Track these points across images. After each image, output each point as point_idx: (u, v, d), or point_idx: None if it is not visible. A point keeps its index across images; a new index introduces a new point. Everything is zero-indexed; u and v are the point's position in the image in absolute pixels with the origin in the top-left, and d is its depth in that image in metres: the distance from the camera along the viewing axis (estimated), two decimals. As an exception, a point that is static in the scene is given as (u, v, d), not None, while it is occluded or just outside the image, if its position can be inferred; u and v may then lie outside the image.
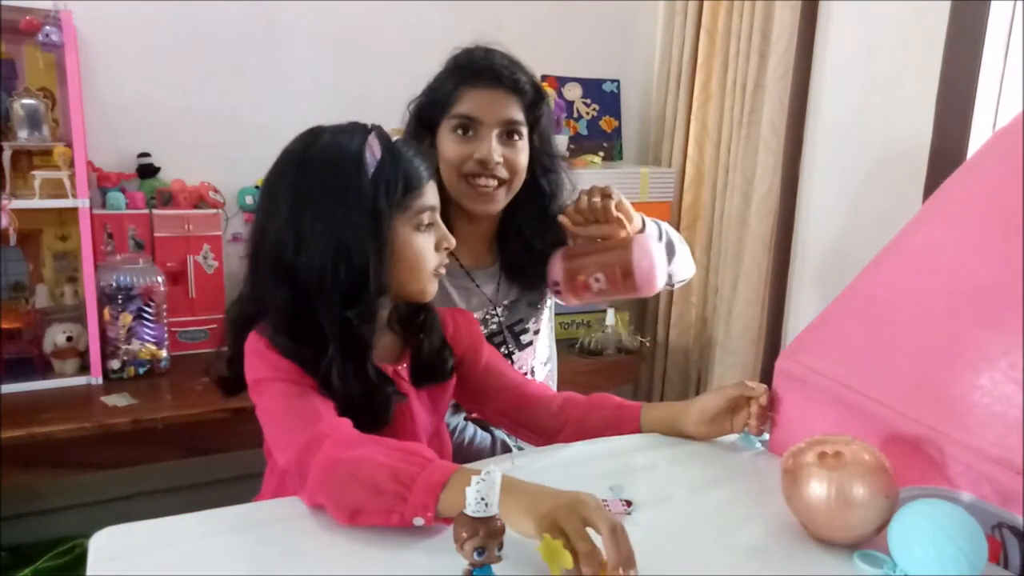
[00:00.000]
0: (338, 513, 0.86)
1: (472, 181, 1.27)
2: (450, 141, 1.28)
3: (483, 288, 1.37)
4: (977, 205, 1.03)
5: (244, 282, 1.05)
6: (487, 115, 1.26)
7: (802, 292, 2.26)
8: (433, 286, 1.06)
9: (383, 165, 0.98)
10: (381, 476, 0.84)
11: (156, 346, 1.81)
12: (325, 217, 0.96)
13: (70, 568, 1.82)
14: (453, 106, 1.27)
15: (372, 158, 0.97)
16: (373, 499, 0.84)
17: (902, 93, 1.92)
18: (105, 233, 1.86)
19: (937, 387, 0.92)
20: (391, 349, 1.10)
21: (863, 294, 1.09)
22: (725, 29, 2.29)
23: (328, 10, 2.11)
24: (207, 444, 1.71)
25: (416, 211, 1.01)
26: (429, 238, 1.03)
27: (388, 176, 0.98)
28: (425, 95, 1.33)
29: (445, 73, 1.31)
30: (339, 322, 0.96)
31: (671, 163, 2.49)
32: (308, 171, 0.98)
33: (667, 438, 1.13)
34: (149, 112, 1.96)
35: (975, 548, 0.76)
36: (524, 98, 1.30)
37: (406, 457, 0.87)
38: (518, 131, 1.29)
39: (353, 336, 0.97)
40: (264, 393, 0.98)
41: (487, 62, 1.29)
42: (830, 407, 1.02)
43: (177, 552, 0.82)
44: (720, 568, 0.83)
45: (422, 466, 0.85)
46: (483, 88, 1.27)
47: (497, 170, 1.27)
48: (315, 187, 0.97)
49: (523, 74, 1.30)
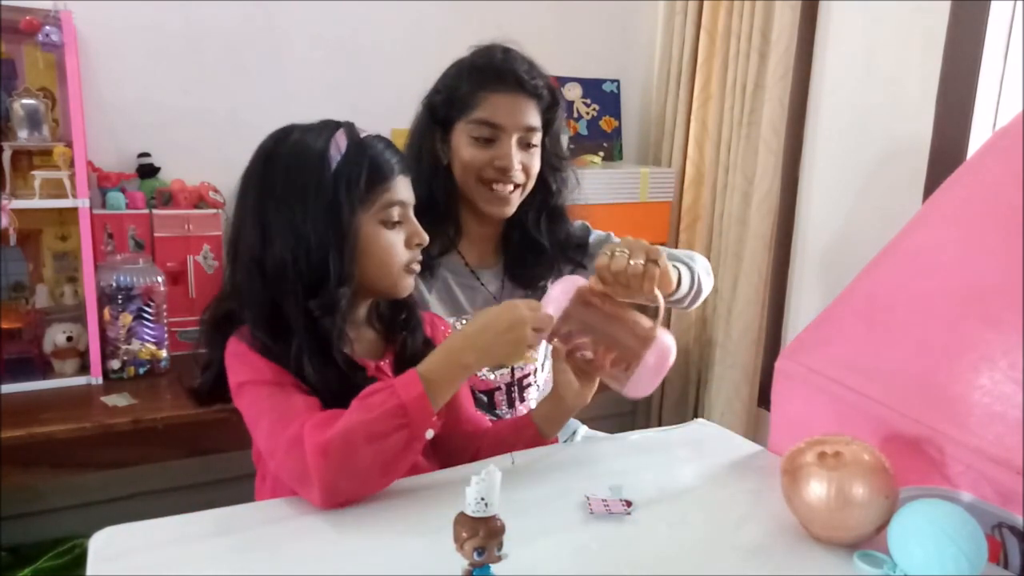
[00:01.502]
0: (366, 481, 0.90)
1: (489, 185, 1.28)
2: (469, 145, 1.28)
3: (488, 287, 1.38)
4: (977, 205, 1.03)
5: (223, 281, 1.07)
6: (508, 122, 1.27)
7: (802, 292, 2.27)
8: (405, 282, 1.06)
9: (346, 159, 0.99)
10: (374, 426, 0.89)
11: (156, 346, 1.81)
12: (287, 210, 0.98)
13: (70, 568, 1.82)
14: (473, 110, 1.27)
15: (336, 152, 0.99)
16: (383, 447, 0.88)
17: (902, 93, 1.92)
18: (105, 233, 1.86)
19: (937, 387, 0.92)
20: (373, 346, 1.10)
21: (863, 294, 1.09)
22: (725, 29, 2.29)
23: (328, 10, 2.10)
24: (207, 444, 1.71)
25: (382, 206, 1.01)
26: (398, 234, 1.03)
27: (350, 170, 0.98)
28: (442, 92, 1.31)
29: (463, 72, 1.30)
30: (303, 313, 0.97)
31: (671, 163, 2.49)
32: (274, 166, 1.01)
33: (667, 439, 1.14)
34: (149, 112, 1.96)
35: (975, 548, 0.76)
36: (542, 103, 1.30)
37: (373, 397, 0.91)
38: (535, 137, 1.30)
39: (318, 327, 0.98)
40: (246, 397, 0.99)
41: (508, 66, 1.28)
42: (830, 407, 1.02)
43: (177, 552, 0.82)
44: (720, 568, 0.83)
45: (393, 393, 0.91)
46: (504, 93, 1.27)
47: (515, 176, 1.28)
48: (279, 181, 0.99)
49: (541, 78, 1.31)
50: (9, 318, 1.74)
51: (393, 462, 0.91)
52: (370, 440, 0.88)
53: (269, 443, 0.94)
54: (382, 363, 1.08)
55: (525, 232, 1.37)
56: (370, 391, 0.92)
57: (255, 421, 0.98)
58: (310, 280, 0.97)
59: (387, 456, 0.90)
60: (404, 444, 0.90)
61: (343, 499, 0.90)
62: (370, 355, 1.08)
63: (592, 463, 1.05)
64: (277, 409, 0.95)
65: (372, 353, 1.09)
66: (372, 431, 0.88)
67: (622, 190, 2.31)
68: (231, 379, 1.00)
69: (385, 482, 0.92)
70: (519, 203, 1.33)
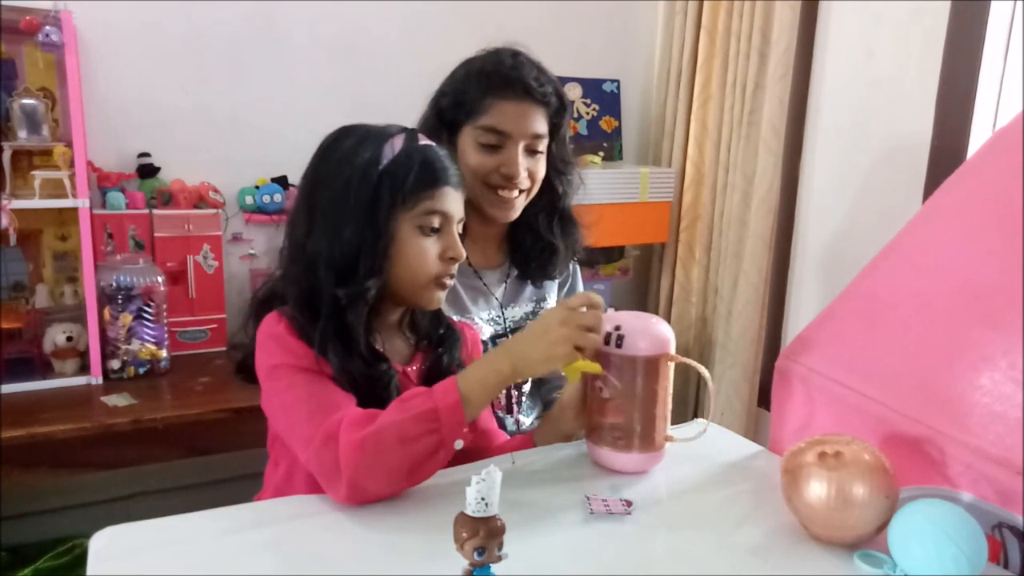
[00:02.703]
0: (390, 482, 0.90)
1: (495, 190, 1.29)
2: (476, 150, 1.28)
3: (491, 288, 1.38)
4: (977, 205, 1.03)
5: (279, 260, 1.09)
6: (515, 129, 1.27)
7: (802, 292, 2.26)
8: (434, 294, 1.05)
9: (398, 158, 1.00)
10: (407, 428, 0.89)
11: (156, 346, 1.81)
12: (332, 199, 1.01)
13: (70, 568, 1.82)
14: (481, 115, 1.27)
15: (391, 150, 1.01)
16: (413, 450, 0.88)
17: (902, 93, 1.92)
18: (105, 233, 1.86)
19: (937, 387, 0.92)
20: (401, 353, 1.10)
21: (863, 294, 1.09)
22: (725, 29, 2.29)
23: (328, 10, 2.10)
24: (207, 444, 1.71)
25: (422, 211, 1.01)
26: (434, 243, 1.03)
27: (399, 170, 1.00)
28: (449, 95, 1.31)
29: (471, 75, 1.29)
30: (332, 301, 0.98)
31: (671, 163, 2.49)
32: (331, 156, 1.04)
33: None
34: (149, 112, 1.96)
35: (975, 548, 0.76)
36: (550, 109, 1.31)
37: (411, 400, 0.91)
38: (542, 144, 1.31)
39: (344, 317, 0.99)
40: (280, 380, 0.98)
41: (517, 73, 1.27)
42: (830, 407, 1.02)
43: (177, 552, 0.82)
44: (720, 568, 0.83)
45: (430, 397, 0.91)
46: (512, 101, 1.26)
47: (521, 183, 1.29)
48: (332, 171, 1.02)
49: (550, 84, 1.30)
50: (9, 318, 1.74)
51: (420, 466, 0.90)
52: (401, 441, 0.88)
53: (306, 431, 0.93)
54: (409, 369, 1.08)
55: (535, 234, 1.38)
56: (410, 394, 0.93)
57: (284, 408, 0.98)
58: (341, 268, 0.99)
59: (415, 459, 0.89)
60: (432, 449, 0.89)
61: (369, 498, 0.90)
62: (398, 359, 1.08)
63: (592, 463, 1.05)
64: (316, 399, 0.95)
65: (400, 357, 1.09)
66: (404, 432, 0.88)
67: (622, 190, 2.31)
68: (264, 359, 1.00)
69: (409, 484, 0.92)
70: (523, 207, 1.34)
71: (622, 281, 2.59)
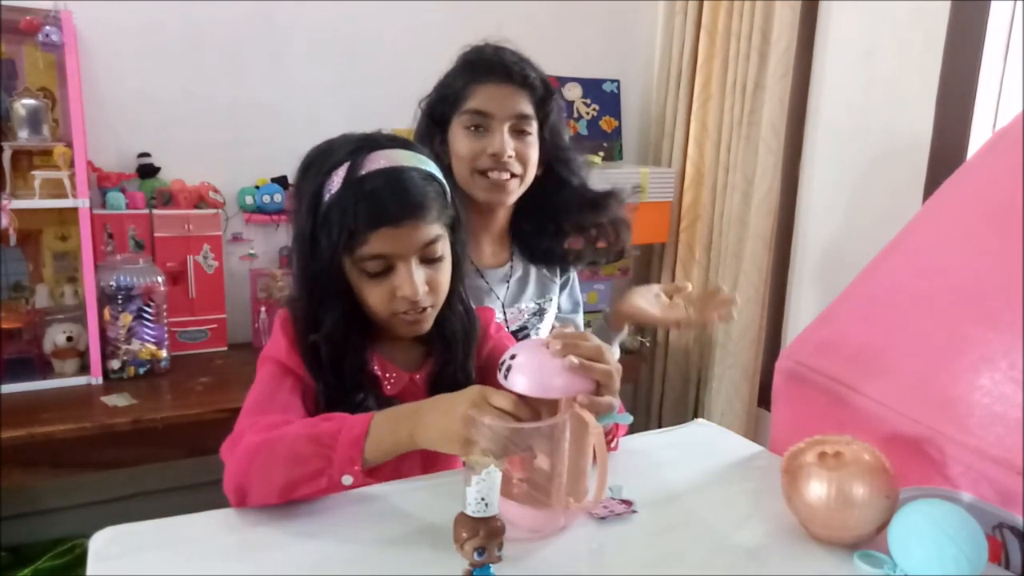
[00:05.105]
0: (267, 494, 0.87)
1: (485, 174, 1.30)
2: (463, 137, 1.30)
3: (494, 288, 1.39)
4: (977, 205, 1.03)
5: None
6: (498, 109, 1.29)
7: (802, 292, 2.27)
8: (401, 330, 1.02)
9: (334, 198, 0.95)
10: (301, 444, 0.85)
11: (156, 346, 1.81)
12: (294, 236, 1.03)
13: (70, 568, 1.82)
14: (464, 102, 1.29)
15: (331, 186, 0.96)
16: (297, 468, 0.85)
17: (902, 93, 1.92)
18: (105, 233, 1.86)
19: (937, 387, 0.92)
20: (411, 356, 1.08)
21: (863, 294, 1.09)
22: (725, 29, 2.29)
23: (328, 10, 2.10)
24: (207, 444, 1.68)
25: (360, 256, 0.96)
26: (378, 285, 0.98)
27: (333, 213, 0.95)
28: (436, 92, 1.35)
29: (456, 70, 1.33)
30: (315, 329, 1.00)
31: (671, 163, 2.49)
32: (296, 186, 1.04)
33: (665, 439, 1.14)
34: (149, 112, 1.96)
35: (975, 548, 0.76)
36: (534, 93, 1.32)
37: (324, 421, 0.88)
38: (529, 125, 1.31)
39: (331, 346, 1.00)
40: (259, 371, 1.01)
41: (497, 58, 1.31)
42: (830, 407, 1.02)
43: (177, 552, 0.82)
44: (720, 568, 0.83)
45: (341, 422, 0.86)
46: (494, 83, 1.29)
47: (510, 164, 1.29)
48: (292, 204, 1.06)
49: (532, 70, 1.33)
50: (9, 318, 1.74)
51: (296, 485, 0.85)
52: (289, 457, 0.85)
53: (239, 419, 0.96)
54: (416, 375, 1.06)
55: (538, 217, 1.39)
56: (328, 416, 0.90)
57: (247, 398, 0.99)
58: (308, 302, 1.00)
59: (293, 477, 0.85)
60: (314, 474, 0.84)
61: (250, 503, 0.88)
62: (406, 364, 1.07)
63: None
64: (263, 396, 0.97)
65: (408, 363, 1.07)
66: (295, 449, 0.85)
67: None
68: (265, 346, 1.04)
69: (279, 500, 0.87)
70: (519, 193, 1.34)
71: (622, 281, 2.59)
